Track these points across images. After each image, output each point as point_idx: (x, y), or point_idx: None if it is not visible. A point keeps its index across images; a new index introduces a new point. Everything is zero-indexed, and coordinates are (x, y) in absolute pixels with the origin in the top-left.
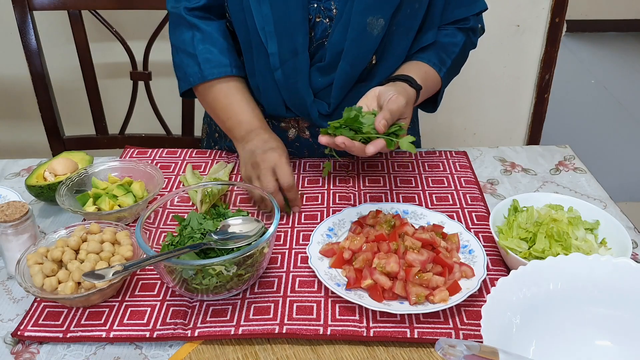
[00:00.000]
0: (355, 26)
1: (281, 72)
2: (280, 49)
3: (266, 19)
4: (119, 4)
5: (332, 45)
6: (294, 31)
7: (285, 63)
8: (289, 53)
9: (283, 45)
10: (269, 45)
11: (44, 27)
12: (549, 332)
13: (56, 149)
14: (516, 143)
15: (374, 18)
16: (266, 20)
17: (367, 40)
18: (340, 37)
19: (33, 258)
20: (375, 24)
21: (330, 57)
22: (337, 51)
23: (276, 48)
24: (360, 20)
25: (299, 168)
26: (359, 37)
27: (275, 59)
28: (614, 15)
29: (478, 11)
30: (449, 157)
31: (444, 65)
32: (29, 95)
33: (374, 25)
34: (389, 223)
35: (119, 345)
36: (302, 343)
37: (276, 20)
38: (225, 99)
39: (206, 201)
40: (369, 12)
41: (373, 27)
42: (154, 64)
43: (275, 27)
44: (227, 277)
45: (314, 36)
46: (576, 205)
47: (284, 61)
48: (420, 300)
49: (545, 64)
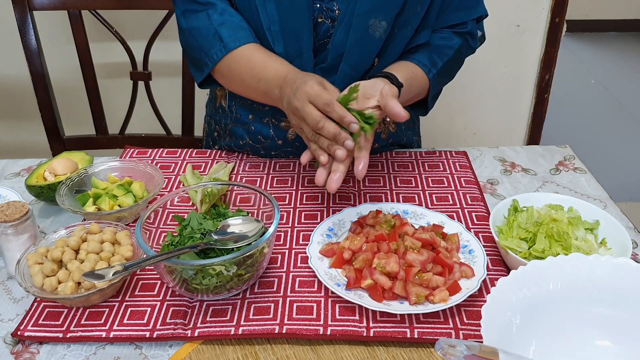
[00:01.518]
0: (358, 28)
1: None
2: (286, 48)
3: (272, 19)
4: (119, 4)
5: (334, 47)
6: (300, 31)
7: (292, 63)
8: (295, 53)
9: (289, 45)
10: (276, 45)
11: (44, 27)
12: (549, 332)
13: (56, 149)
14: (516, 143)
15: (377, 20)
16: (272, 20)
17: (369, 43)
18: (342, 39)
19: (33, 258)
20: (378, 26)
21: (332, 58)
22: (339, 53)
23: (283, 48)
24: (362, 22)
25: (299, 168)
26: (361, 39)
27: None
28: (614, 15)
29: (477, 16)
30: (449, 157)
31: (434, 67)
32: (29, 95)
33: (376, 28)
34: (389, 223)
35: (119, 345)
36: (302, 343)
37: (282, 20)
38: (249, 63)
39: (206, 201)
40: (371, 14)
41: (375, 30)
42: (154, 64)
43: (282, 27)
44: (227, 277)
45: (316, 37)
46: (576, 205)
47: (291, 61)
48: (420, 300)
49: (545, 64)
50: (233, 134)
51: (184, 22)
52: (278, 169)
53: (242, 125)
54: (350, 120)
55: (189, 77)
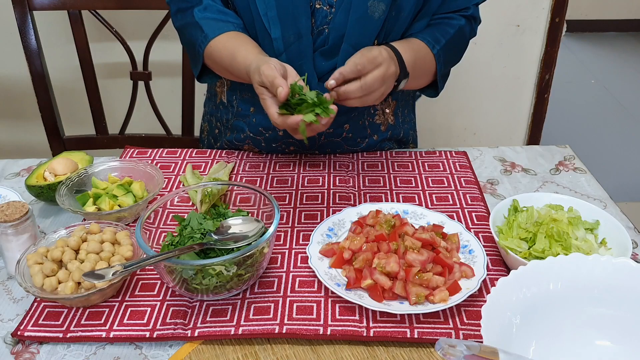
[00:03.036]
0: (357, 9)
1: (286, 57)
2: (283, 33)
3: (269, 4)
4: (119, 4)
5: (334, 29)
6: (297, 15)
7: (290, 47)
8: (293, 36)
9: (286, 29)
10: (272, 30)
11: (44, 27)
12: (549, 332)
13: (56, 149)
14: (516, 143)
15: (375, 1)
16: (269, 6)
17: (369, 24)
18: (342, 20)
19: (33, 258)
20: (376, 7)
21: (333, 40)
22: (340, 34)
23: (280, 33)
24: (361, 4)
25: (299, 167)
26: (361, 20)
27: (279, 43)
28: (614, 15)
29: (479, 1)
30: (449, 157)
31: (437, 43)
32: (29, 95)
33: (374, 9)
34: (389, 223)
35: (119, 345)
36: (302, 343)
37: (278, 5)
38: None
39: (206, 201)
40: None
41: (374, 11)
42: (154, 64)
43: (278, 12)
44: (227, 277)
45: (314, 23)
46: (576, 205)
47: (288, 45)
48: (420, 300)
49: (545, 64)
50: (235, 128)
51: (176, 22)
52: (278, 169)
53: (243, 118)
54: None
55: (188, 77)
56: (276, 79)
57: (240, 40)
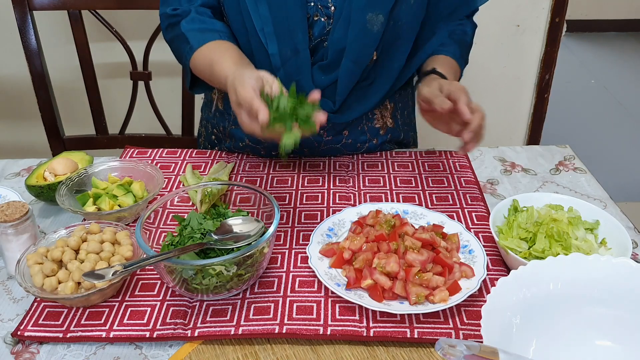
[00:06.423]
0: (356, 23)
1: (283, 72)
2: (280, 48)
3: (264, 20)
4: (119, 4)
5: (333, 43)
6: (294, 30)
7: (287, 62)
8: (290, 52)
9: (283, 44)
10: (269, 46)
11: (44, 27)
12: (549, 332)
13: (56, 149)
14: (516, 143)
15: (374, 14)
16: (265, 22)
17: (368, 37)
18: (341, 35)
19: (33, 258)
20: (375, 20)
21: (332, 55)
22: (339, 49)
23: (276, 48)
24: (360, 17)
25: (299, 168)
26: (360, 34)
27: (276, 59)
28: (614, 15)
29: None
30: (449, 157)
31: (463, 60)
32: (29, 95)
33: (373, 22)
34: (389, 223)
35: (119, 345)
36: (302, 343)
37: (275, 20)
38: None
39: (206, 201)
40: (368, 8)
41: (373, 24)
42: (154, 64)
43: (275, 28)
44: (227, 277)
45: (312, 35)
46: (576, 205)
47: (286, 60)
48: (420, 300)
49: (545, 64)
50: (232, 135)
51: (166, 36)
52: (278, 169)
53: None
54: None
55: None
56: (254, 101)
57: (220, 50)
